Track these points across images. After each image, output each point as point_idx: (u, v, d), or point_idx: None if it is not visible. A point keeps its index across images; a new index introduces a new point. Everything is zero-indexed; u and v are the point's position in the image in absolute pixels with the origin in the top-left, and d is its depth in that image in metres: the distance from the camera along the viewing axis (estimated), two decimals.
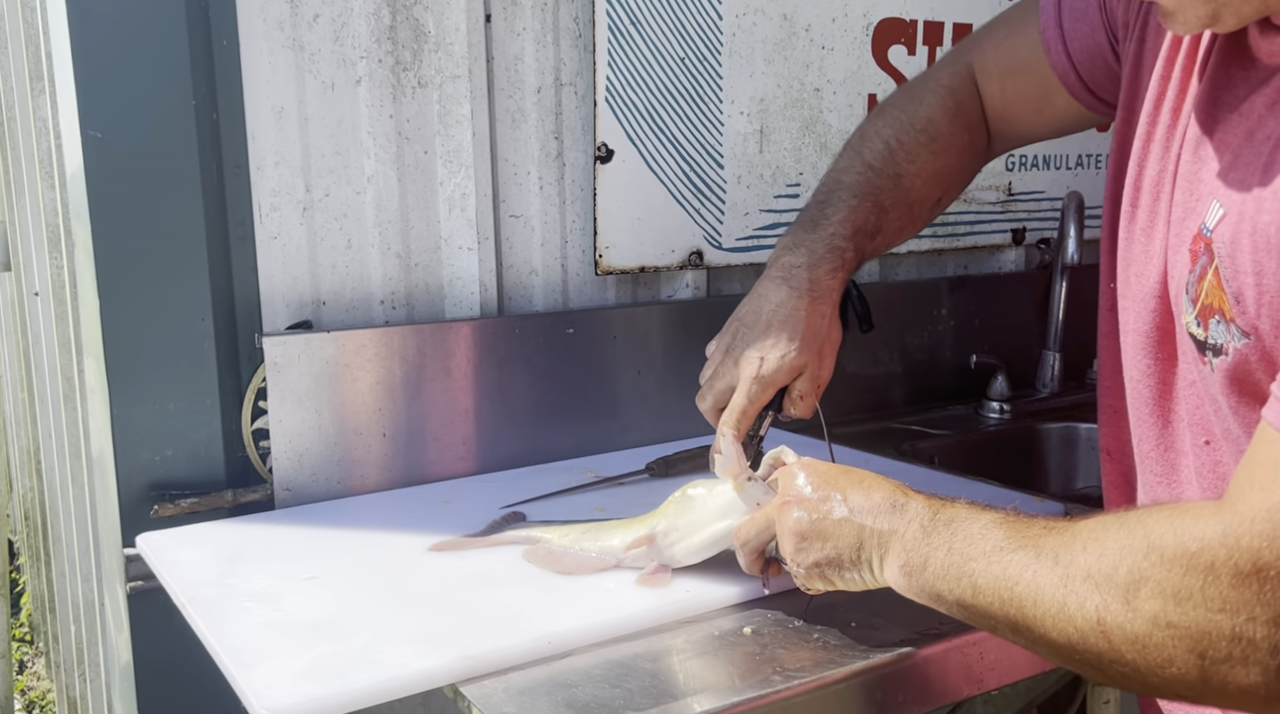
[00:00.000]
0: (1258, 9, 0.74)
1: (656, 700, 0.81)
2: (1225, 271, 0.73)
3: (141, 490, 1.25)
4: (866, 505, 0.83)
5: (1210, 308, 0.76)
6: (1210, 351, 0.76)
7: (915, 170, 1.08)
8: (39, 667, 3.08)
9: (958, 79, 1.11)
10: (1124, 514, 0.70)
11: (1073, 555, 0.69)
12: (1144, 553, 0.66)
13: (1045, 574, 0.70)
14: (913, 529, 0.80)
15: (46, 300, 2.00)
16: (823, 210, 1.07)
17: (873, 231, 1.07)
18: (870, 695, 0.86)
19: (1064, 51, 1.01)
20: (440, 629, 0.90)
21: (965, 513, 0.78)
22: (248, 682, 0.81)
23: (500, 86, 1.46)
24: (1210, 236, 0.75)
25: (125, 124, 1.21)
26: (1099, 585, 0.67)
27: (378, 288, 1.40)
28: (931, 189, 1.11)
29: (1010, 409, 1.79)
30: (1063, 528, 0.73)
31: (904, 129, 1.09)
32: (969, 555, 0.75)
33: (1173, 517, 0.66)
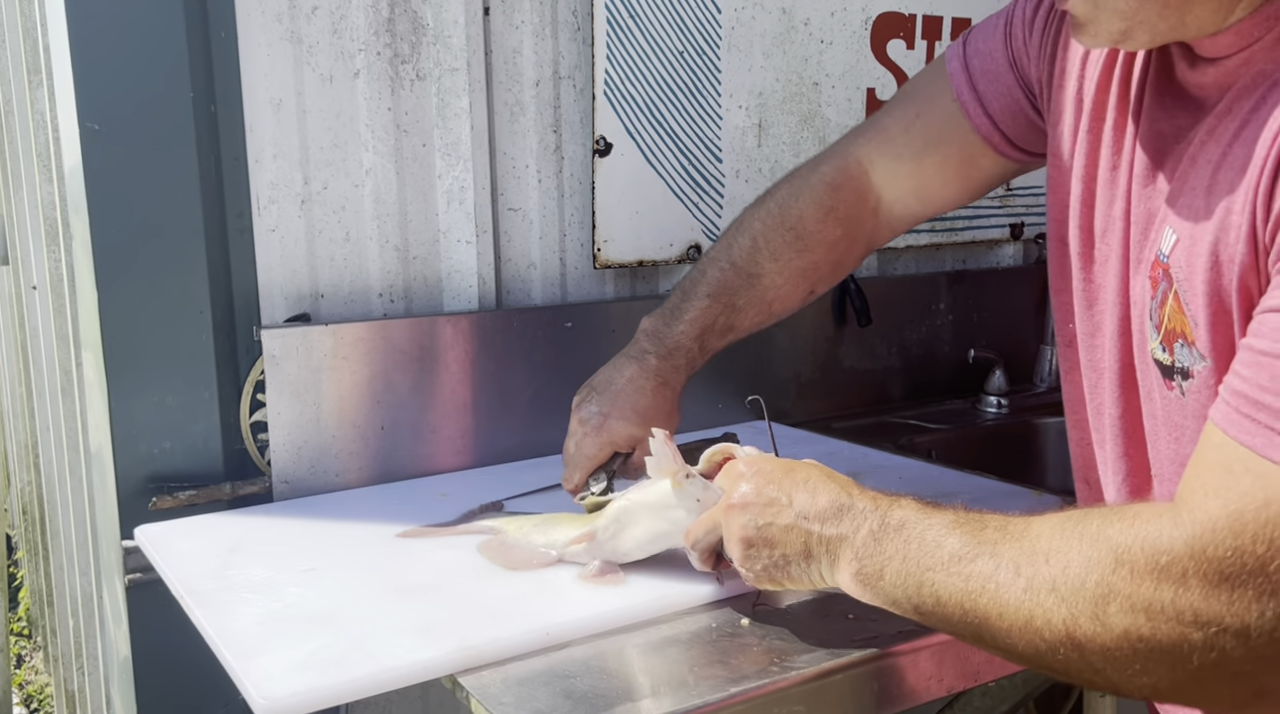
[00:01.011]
0: (1172, 27, 0.75)
1: (654, 691, 0.81)
2: (1184, 295, 0.75)
3: (140, 483, 1.25)
4: (813, 509, 0.82)
5: (1174, 332, 0.77)
6: (1179, 375, 0.78)
7: (777, 269, 1.14)
8: (37, 661, 3.08)
9: (841, 175, 1.13)
10: (1080, 520, 0.69)
11: (1035, 567, 0.69)
12: (1111, 566, 0.65)
13: (1008, 586, 0.70)
14: (862, 534, 0.79)
15: (44, 294, 2.00)
16: (682, 302, 1.15)
17: (723, 330, 1.15)
18: (869, 686, 0.86)
19: (984, 114, 1.03)
20: (438, 620, 0.90)
21: (915, 516, 0.77)
22: (247, 672, 0.81)
23: (499, 79, 1.46)
24: (1167, 262, 0.77)
25: (123, 117, 1.21)
26: (1065, 599, 0.67)
27: (376, 281, 1.40)
28: (796, 286, 1.16)
29: (1008, 403, 1.79)
30: (1018, 532, 0.72)
31: (773, 227, 1.14)
32: (926, 565, 0.74)
33: (1134, 525, 0.66)
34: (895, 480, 1.32)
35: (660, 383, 1.13)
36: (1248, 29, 0.73)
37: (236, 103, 1.27)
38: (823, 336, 1.75)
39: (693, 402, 1.61)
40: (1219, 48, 0.75)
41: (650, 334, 1.16)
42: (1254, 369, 0.64)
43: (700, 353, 1.15)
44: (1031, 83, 1.00)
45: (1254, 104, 0.70)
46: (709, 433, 1.50)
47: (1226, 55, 0.75)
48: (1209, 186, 0.73)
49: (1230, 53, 0.75)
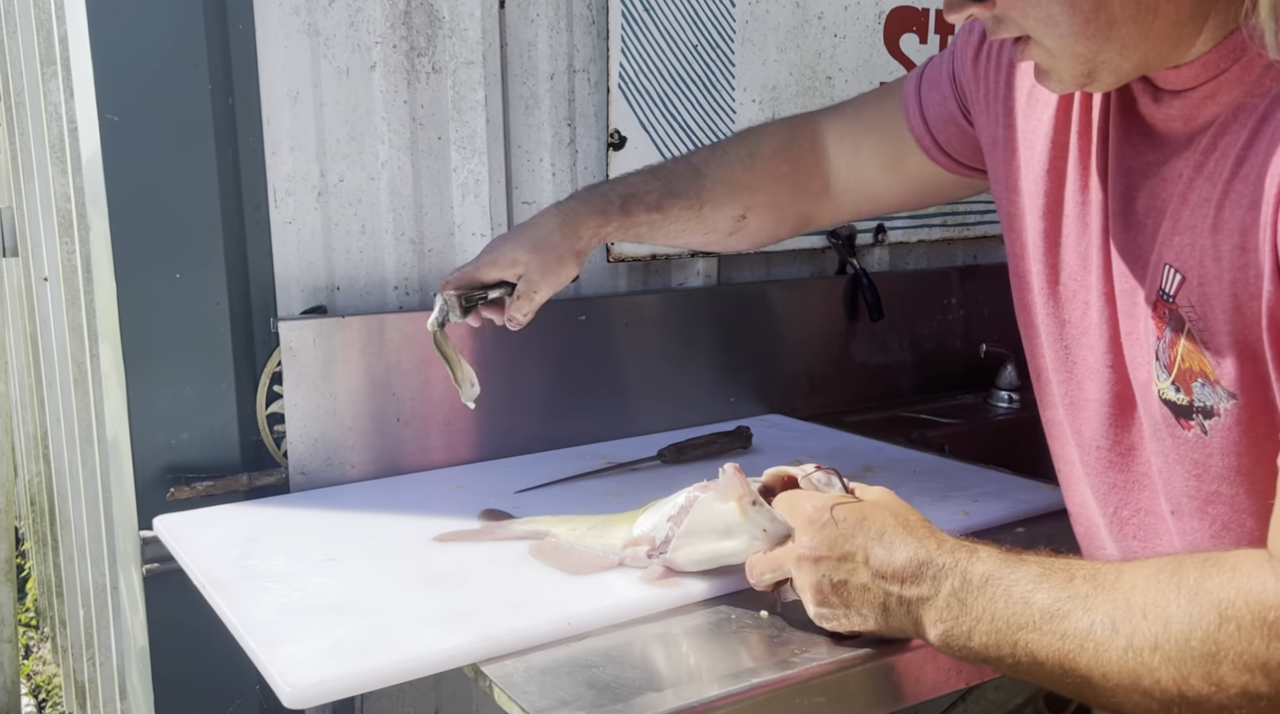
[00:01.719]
0: (1136, 65, 0.75)
1: (676, 681, 0.82)
2: (1200, 335, 0.74)
3: (157, 474, 1.25)
4: (890, 568, 0.79)
5: (1190, 372, 0.76)
6: (1199, 415, 0.76)
7: (721, 175, 1.14)
8: (45, 651, 3.09)
9: (804, 129, 1.17)
10: (1176, 571, 0.68)
11: (1134, 625, 0.67)
12: (1217, 624, 0.64)
13: (1107, 644, 0.68)
14: (944, 594, 0.76)
15: (56, 285, 2.01)
16: (623, 177, 1.16)
17: (650, 206, 1.12)
18: (888, 678, 0.87)
19: (920, 116, 1.06)
20: (459, 610, 0.91)
21: (999, 569, 0.75)
22: (272, 660, 0.82)
23: (514, 73, 1.46)
24: (1174, 302, 0.76)
25: (141, 108, 1.21)
26: (1171, 659, 0.65)
27: (391, 273, 1.40)
28: (732, 199, 1.15)
29: (1019, 398, 1.80)
30: (1110, 583, 0.70)
31: (731, 144, 1.18)
32: (1017, 624, 0.72)
33: (1235, 578, 0.65)
34: (909, 474, 1.33)
35: (566, 223, 1.10)
36: (1212, 61, 0.73)
37: (254, 95, 1.28)
38: (835, 331, 1.75)
39: (704, 395, 1.61)
40: (1182, 80, 0.75)
41: (583, 190, 1.17)
42: None
43: (620, 212, 1.12)
44: (966, 98, 1.02)
45: (1247, 139, 0.70)
46: (721, 426, 1.51)
47: (1191, 88, 0.75)
48: (1213, 226, 0.72)
49: (1194, 85, 0.75)
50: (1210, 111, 0.74)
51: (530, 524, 1.12)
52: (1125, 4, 0.71)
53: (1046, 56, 0.77)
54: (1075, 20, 0.72)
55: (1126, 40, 0.73)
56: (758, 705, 0.81)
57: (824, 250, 1.77)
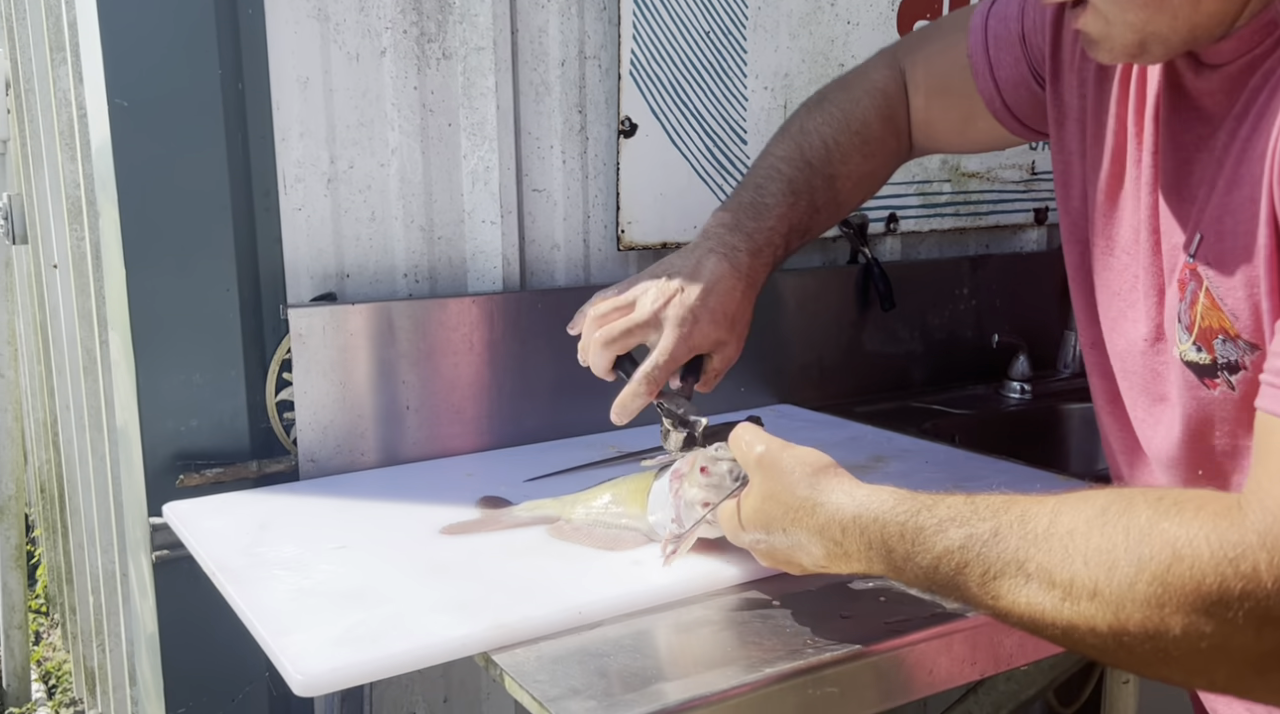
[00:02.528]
0: (1185, 39, 0.76)
1: (689, 670, 0.81)
2: (1217, 291, 0.75)
3: (166, 461, 1.25)
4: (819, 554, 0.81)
5: (1211, 329, 0.76)
6: (1225, 371, 0.76)
7: (848, 172, 1.11)
8: (54, 638, 3.10)
9: (892, 85, 1.12)
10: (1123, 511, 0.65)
11: (1072, 573, 0.65)
12: (1168, 564, 0.61)
13: (1040, 599, 0.66)
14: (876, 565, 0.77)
15: (66, 272, 2.01)
16: (763, 198, 1.08)
17: (804, 231, 1.10)
18: (901, 668, 0.86)
19: (991, 78, 1.03)
20: (470, 599, 0.90)
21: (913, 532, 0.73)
22: (283, 648, 0.81)
23: (524, 59, 1.45)
24: (1193, 262, 0.77)
25: (151, 94, 1.20)
26: (1109, 603, 0.63)
27: (401, 261, 1.40)
28: (858, 191, 1.13)
29: (1031, 389, 1.79)
30: (1042, 532, 0.67)
31: (841, 129, 1.11)
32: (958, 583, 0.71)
33: (1198, 517, 0.62)
34: (921, 464, 1.32)
35: (749, 285, 1.04)
36: (1249, 35, 0.74)
37: (263, 80, 1.27)
38: (846, 320, 1.74)
39: None
40: (1223, 54, 0.76)
41: (734, 228, 1.06)
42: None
43: (785, 252, 1.08)
44: (1038, 60, 0.99)
45: (1266, 98, 0.72)
46: (732, 416, 1.50)
47: (1230, 61, 0.76)
48: (1230, 181, 0.74)
49: (1233, 59, 0.76)
50: (1248, 84, 0.75)
51: (534, 509, 1.11)
52: None
53: (1102, 23, 0.77)
54: None
55: (1178, 11, 0.73)
56: (770, 696, 0.80)
57: (835, 239, 1.76)
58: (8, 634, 2.72)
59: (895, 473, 1.28)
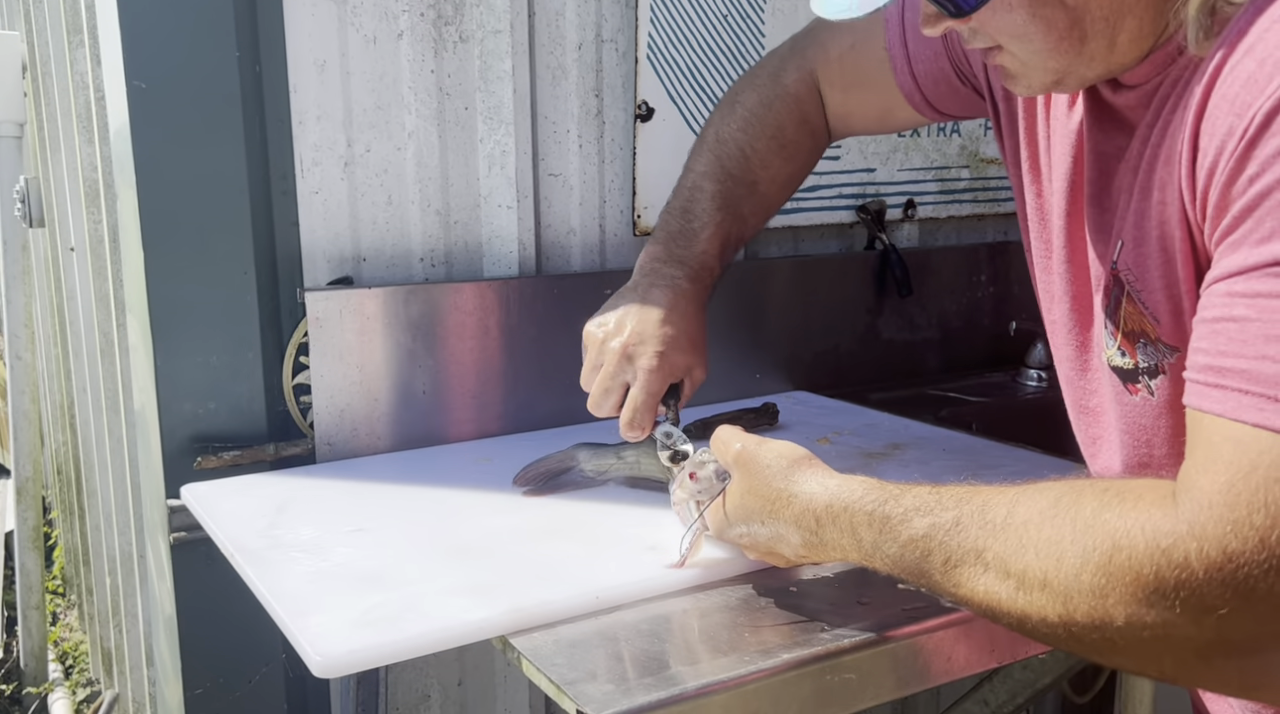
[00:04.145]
0: (1100, 74, 0.79)
1: (706, 655, 0.81)
2: (1138, 294, 0.77)
3: (184, 443, 1.26)
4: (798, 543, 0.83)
5: (1133, 333, 0.78)
6: (1144, 375, 0.79)
7: (769, 177, 1.14)
8: (71, 619, 3.13)
9: (803, 86, 1.15)
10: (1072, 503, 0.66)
11: (1025, 564, 0.67)
12: (1109, 555, 0.63)
13: (996, 588, 0.68)
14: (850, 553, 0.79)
15: (83, 256, 2.01)
16: (690, 223, 1.11)
17: (736, 243, 1.14)
18: (918, 655, 0.86)
19: (909, 73, 1.05)
20: (487, 582, 0.91)
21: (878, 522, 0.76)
22: (301, 630, 0.82)
23: (541, 43, 1.44)
24: (1116, 268, 0.80)
25: (169, 76, 1.20)
26: (1058, 594, 0.65)
27: (417, 245, 1.40)
28: (783, 192, 1.17)
29: (1049, 377, 1.77)
30: (999, 522, 0.69)
31: (757, 136, 1.14)
32: (923, 570, 0.74)
33: (1135, 507, 0.64)
34: (938, 451, 1.31)
35: (698, 307, 1.09)
36: (1160, 59, 0.76)
37: (281, 63, 1.27)
38: (862, 307, 1.74)
39: (730, 371, 1.60)
40: (1138, 77, 0.79)
41: (667, 260, 1.10)
42: (1209, 339, 0.65)
43: (722, 268, 1.12)
44: (959, 58, 1.02)
45: (1172, 104, 0.74)
46: (748, 403, 1.50)
47: (1144, 82, 0.79)
48: (1144, 188, 0.76)
49: (1147, 80, 0.78)
50: (1163, 94, 0.77)
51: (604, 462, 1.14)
52: (1095, 21, 0.73)
53: (1018, 65, 0.79)
54: (1050, 38, 0.75)
55: (1095, 54, 0.76)
56: (787, 682, 0.80)
57: (852, 226, 1.75)
58: (25, 615, 2.74)
59: (912, 460, 1.27)
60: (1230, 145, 0.64)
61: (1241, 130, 0.64)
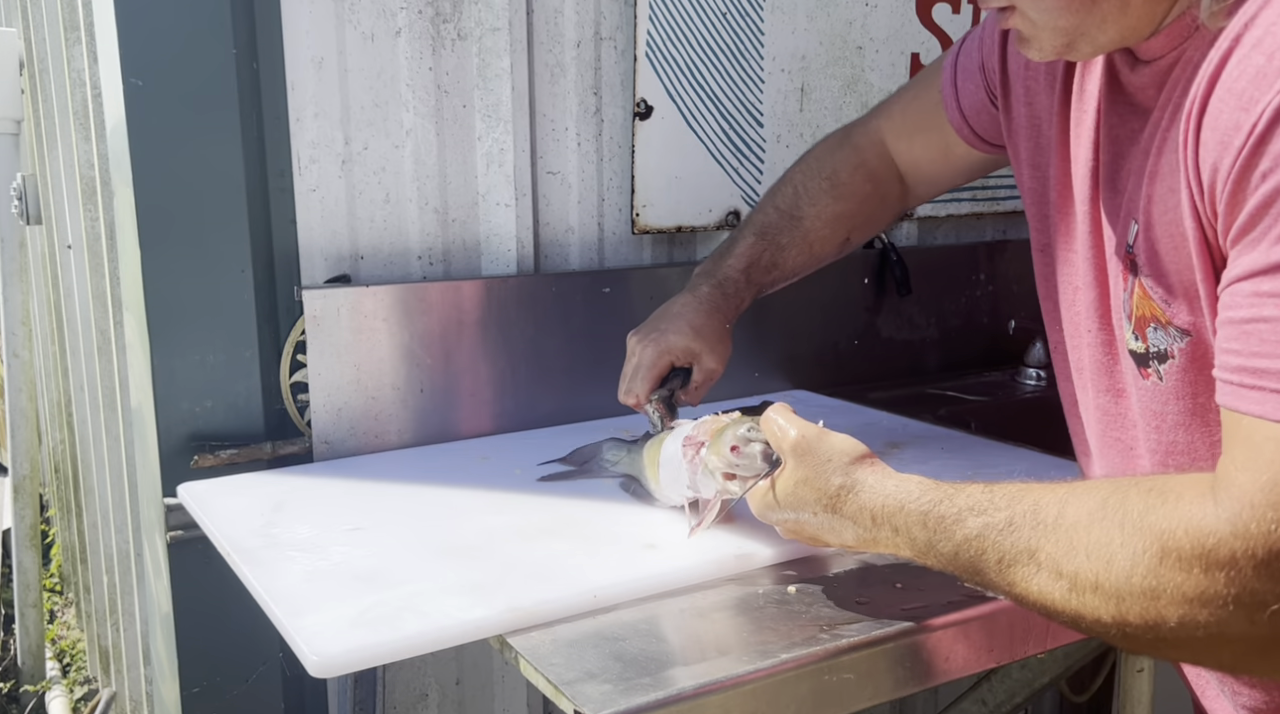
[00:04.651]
0: (1113, 39, 0.79)
1: (704, 655, 0.81)
2: (1148, 279, 0.78)
3: (181, 441, 1.25)
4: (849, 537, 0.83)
5: (1144, 318, 0.79)
6: (1155, 360, 0.80)
7: (816, 212, 1.23)
8: (68, 616, 3.12)
9: (865, 139, 1.25)
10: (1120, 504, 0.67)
11: (1076, 566, 0.68)
12: (1159, 557, 0.64)
13: (1050, 588, 0.69)
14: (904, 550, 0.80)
15: (80, 253, 2.01)
16: (732, 246, 1.24)
17: (768, 266, 1.22)
18: (917, 655, 0.86)
19: (957, 107, 1.12)
20: (485, 581, 0.90)
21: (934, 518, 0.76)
22: (298, 629, 0.81)
23: (540, 40, 1.44)
24: (1131, 252, 0.80)
25: (165, 73, 1.20)
26: (1110, 596, 0.66)
27: (415, 243, 1.39)
28: (834, 229, 1.24)
29: (1047, 375, 1.77)
30: (1051, 521, 0.70)
31: (811, 177, 1.25)
32: (978, 568, 0.74)
33: (1177, 506, 0.65)
34: (937, 450, 1.31)
35: (712, 308, 1.18)
36: (1175, 32, 0.77)
37: (278, 60, 1.26)
38: (861, 306, 1.73)
39: (729, 370, 1.59)
40: (1153, 50, 0.79)
41: (701, 273, 1.23)
42: (1241, 341, 0.65)
43: (747, 285, 1.21)
44: (993, 85, 1.06)
45: (1182, 89, 0.75)
46: (746, 401, 1.49)
47: (1159, 57, 0.79)
48: (1153, 172, 0.77)
49: (1162, 54, 0.78)
50: (1176, 77, 0.77)
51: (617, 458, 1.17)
52: None
53: (1029, 25, 0.80)
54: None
55: (1106, 14, 0.76)
56: (786, 682, 0.80)
57: None
58: (23, 613, 2.74)
59: (910, 459, 1.27)
60: (1237, 141, 0.65)
61: (1250, 126, 0.64)
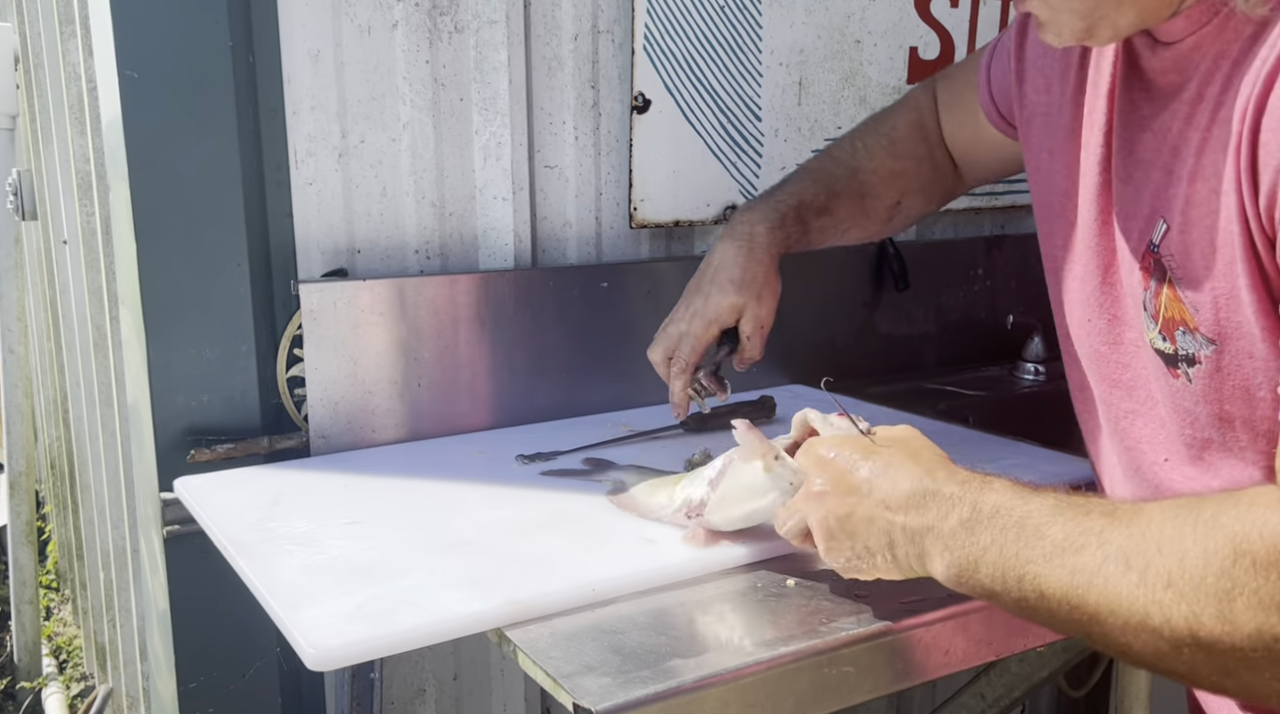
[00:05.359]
0: (1133, 22, 0.77)
1: (703, 649, 0.81)
2: (1180, 284, 0.76)
3: (177, 436, 1.25)
4: (894, 498, 0.77)
5: (1172, 321, 0.78)
6: (1183, 362, 0.78)
7: (872, 167, 1.20)
8: (65, 613, 3.12)
9: (924, 101, 1.23)
10: (1195, 507, 0.65)
11: (1148, 560, 0.64)
12: (1232, 558, 0.60)
13: (1119, 580, 0.64)
14: (951, 524, 0.73)
15: (76, 248, 2.00)
16: (782, 185, 1.20)
17: (819, 209, 1.17)
18: (915, 649, 0.86)
19: (987, 89, 1.12)
20: (482, 575, 0.90)
21: (1010, 502, 0.71)
22: (295, 623, 0.81)
23: (537, 33, 1.43)
24: (1158, 252, 0.78)
25: (161, 66, 1.19)
26: (1185, 595, 0.62)
27: (412, 237, 1.39)
28: (887, 187, 1.21)
29: (1045, 370, 1.77)
30: (1126, 518, 0.66)
31: (868, 133, 1.24)
32: (1027, 557, 0.69)
33: (1250, 511, 0.62)
34: None
35: (752, 249, 1.14)
36: (1196, 14, 0.75)
37: (274, 53, 1.26)
38: (859, 300, 1.73)
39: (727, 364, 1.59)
40: (1173, 32, 0.77)
41: (745, 210, 1.19)
42: None
43: (797, 221, 1.16)
44: (1016, 69, 1.04)
45: (1222, 85, 0.72)
46: (746, 396, 1.49)
47: (1180, 39, 0.77)
48: (1193, 172, 0.74)
49: (1182, 37, 0.77)
50: (1197, 62, 0.76)
51: (616, 475, 1.15)
52: None
53: (1046, 10, 0.78)
54: None
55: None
56: (785, 675, 0.80)
57: None
58: (19, 609, 2.74)
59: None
60: None
61: None
